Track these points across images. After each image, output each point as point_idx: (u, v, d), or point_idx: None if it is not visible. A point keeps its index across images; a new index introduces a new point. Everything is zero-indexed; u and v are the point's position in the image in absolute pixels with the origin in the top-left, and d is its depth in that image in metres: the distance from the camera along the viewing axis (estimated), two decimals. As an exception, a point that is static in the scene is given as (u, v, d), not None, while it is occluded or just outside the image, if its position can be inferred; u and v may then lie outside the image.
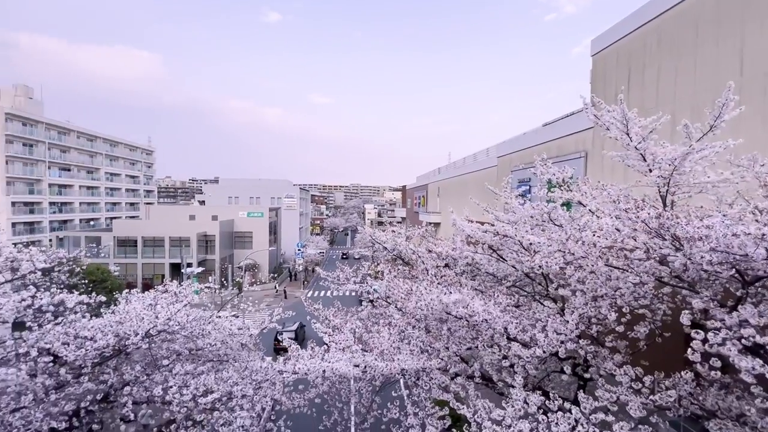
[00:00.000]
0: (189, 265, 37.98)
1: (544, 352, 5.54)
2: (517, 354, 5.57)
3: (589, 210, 5.75)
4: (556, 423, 4.51)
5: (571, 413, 4.60)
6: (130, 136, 72.22)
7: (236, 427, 6.65)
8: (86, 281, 13.75)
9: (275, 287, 44.19)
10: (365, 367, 6.23)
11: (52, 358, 6.56)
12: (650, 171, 5.37)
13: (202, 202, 63.69)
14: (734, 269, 4.05)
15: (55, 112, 49.74)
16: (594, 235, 4.98)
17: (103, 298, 8.09)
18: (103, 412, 7.50)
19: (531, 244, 6.04)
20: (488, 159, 22.50)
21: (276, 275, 47.18)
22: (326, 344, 7.57)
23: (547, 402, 4.79)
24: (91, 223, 58.66)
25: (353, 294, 10.26)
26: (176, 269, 38.90)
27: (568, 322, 5.63)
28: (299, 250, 49.78)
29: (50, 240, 45.66)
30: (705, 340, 3.91)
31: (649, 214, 4.35)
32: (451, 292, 6.14)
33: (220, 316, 9.81)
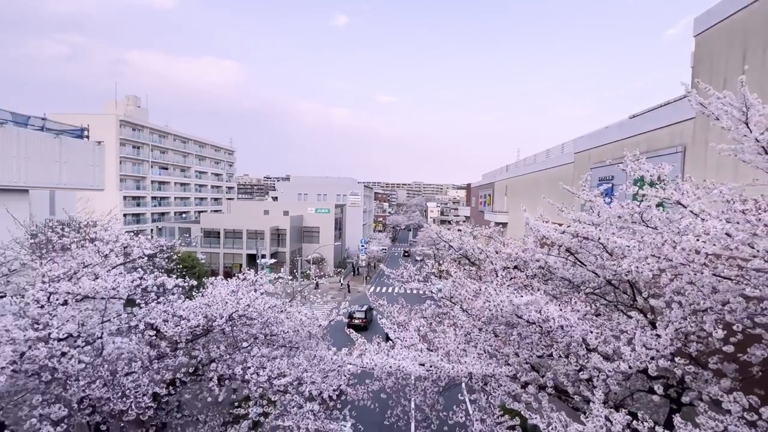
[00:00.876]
0: (263, 256, 41.01)
1: (630, 367, 5.01)
2: (597, 367, 5.11)
3: (691, 211, 5.06)
4: (646, 448, 4.05)
5: (665, 439, 4.10)
6: (214, 138, 79.83)
7: (306, 411, 7.03)
8: (180, 267, 15.54)
9: (340, 281, 45.90)
10: (430, 366, 6.18)
11: (155, 332, 7.52)
12: (774, 167, 4.55)
13: (275, 199, 68.33)
14: None
15: (156, 118, 57.75)
16: (698, 240, 4.36)
17: (194, 283, 9.06)
18: (193, 383, 8.42)
19: (618, 247, 5.49)
20: (563, 155, 20.96)
21: (340, 269, 48.99)
22: (391, 340, 7.67)
23: (634, 423, 4.32)
24: (183, 215, 66.13)
25: (416, 292, 10.24)
26: (252, 259, 42.27)
27: (660, 336, 5.03)
28: (362, 246, 51.10)
29: (152, 230, 52.46)
30: None
31: (774, 217, 3.69)
32: (521, 295, 5.84)
33: (291, 305, 10.45)
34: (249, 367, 7.68)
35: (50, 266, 7.30)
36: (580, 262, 6.85)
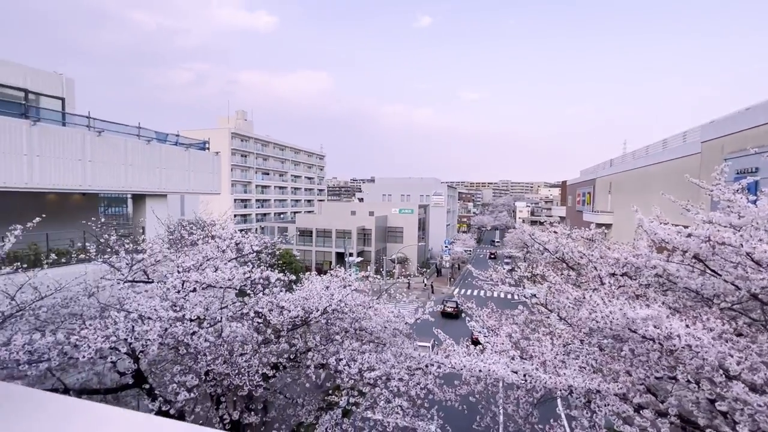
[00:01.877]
0: (350, 254, 43.11)
1: (788, 403, 4.06)
2: (741, 399, 4.25)
3: None
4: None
5: None
6: (306, 144, 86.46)
7: (395, 406, 7.19)
8: (280, 262, 17.20)
9: (423, 281, 45.97)
10: (525, 375, 5.82)
11: (262, 319, 8.42)
12: None
13: (361, 200, 71.33)
14: None
15: (258, 129, 65.63)
16: None
17: (293, 277, 9.94)
18: (293, 369, 9.23)
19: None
20: (686, 145, 17.96)
21: (425, 269, 49.03)
22: (479, 343, 7.41)
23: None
24: (281, 216, 72.98)
25: (506, 296, 9.73)
26: (340, 257, 44.76)
27: (835, 368, 3.98)
28: (446, 246, 50.40)
29: (256, 229, 58.97)
30: None
31: None
32: (635, 307, 5.13)
33: (378, 303, 10.80)
34: (341, 359, 8.13)
35: (183, 258, 8.68)
36: (713, 271, 5.79)
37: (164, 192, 14.58)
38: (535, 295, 8.54)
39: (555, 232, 10.27)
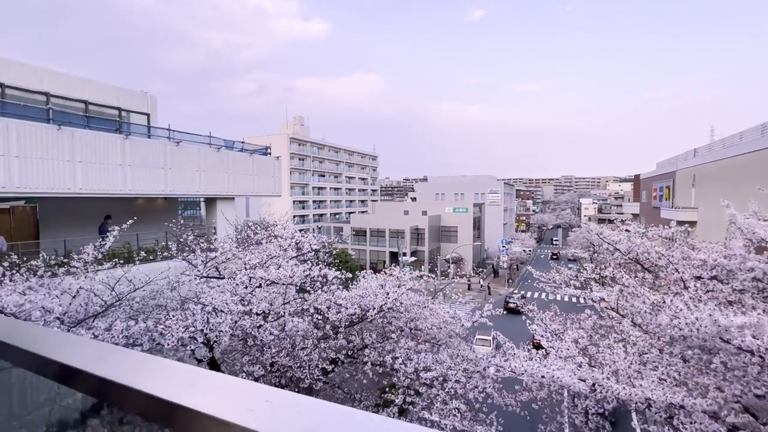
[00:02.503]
0: (404, 254, 43.25)
1: None
2: None
3: None
4: None
5: None
6: (359, 146, 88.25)
7: (452, 408, 7.08)
8: (337, 261, 17.80)
9: (480, 282, 44.71)
10: (594, 384, 5.41)
11: (321, 316, 8.76)
12: None
13: (414, 199, 71.22)
14: None
15: (314, 133, 68.49)
16: None
17: (350, 275, 10.21)
18: (350, 365, 9.48)
19: None
20: (790, 130, 15.51)
21: (480, 270, 47.69)
22: (542, 347, 7.03)
23: None
24: (336, 216, 75.32)
25: (571, 300, 9.12)
26: (393, 257, 45.07)
27: None
28: (504, 246, 48.56)
29: (312, 229, 61.53)
30: None
31: None
32: (727, 314, 4.53)
33: (433, 303, 10.71)
34: (397, 357, 8.19)
35: (249, 256, 9.32)
36: (831, 274, 4.92)
37: (232, 195, 15.77)
38: (603, 299, 7.92)
39: (627, 230, 9.41)
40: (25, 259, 7.34)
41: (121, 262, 8.35)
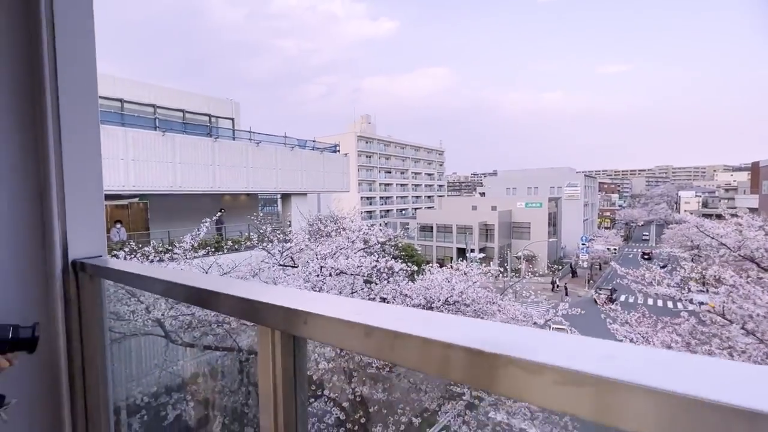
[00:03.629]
0: (472, 250, 42.14)
1: None
2: None
3: None
4: None
5: None
6: (425, 141, 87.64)
7: (521, 406, 6.77)
8: (403, 254, 18.03)
9: (555, 281, 41.81)
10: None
11: (387, 306, 8.97)
12: None
13: (483, 194, 68.92)
14: None
15: (380, 130, 69.80)
16: None
17: (415, 268, 10.27)
18: (416, 356, 9.55)
19: None
20: None
21: (557, 268, 44.56)
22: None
23: None
24: (402, 212, 75.94)
25: (666, 305, 8.11)
26: (461, 253, 44.10)
27: None
28: (583, 244, 44.74)
29: (380, 225, 62.80)
30: None
31: None
32: None
33: (502, 299, 10.32)
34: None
35: (320, 247, 9.87)
36: None
37: (305, 191, 16.81)
38: (703, 303, 6.93)
39: (739, 224, 8.07)
40: (140, 245, 8.66)
41: (212, 250, 9.40)
